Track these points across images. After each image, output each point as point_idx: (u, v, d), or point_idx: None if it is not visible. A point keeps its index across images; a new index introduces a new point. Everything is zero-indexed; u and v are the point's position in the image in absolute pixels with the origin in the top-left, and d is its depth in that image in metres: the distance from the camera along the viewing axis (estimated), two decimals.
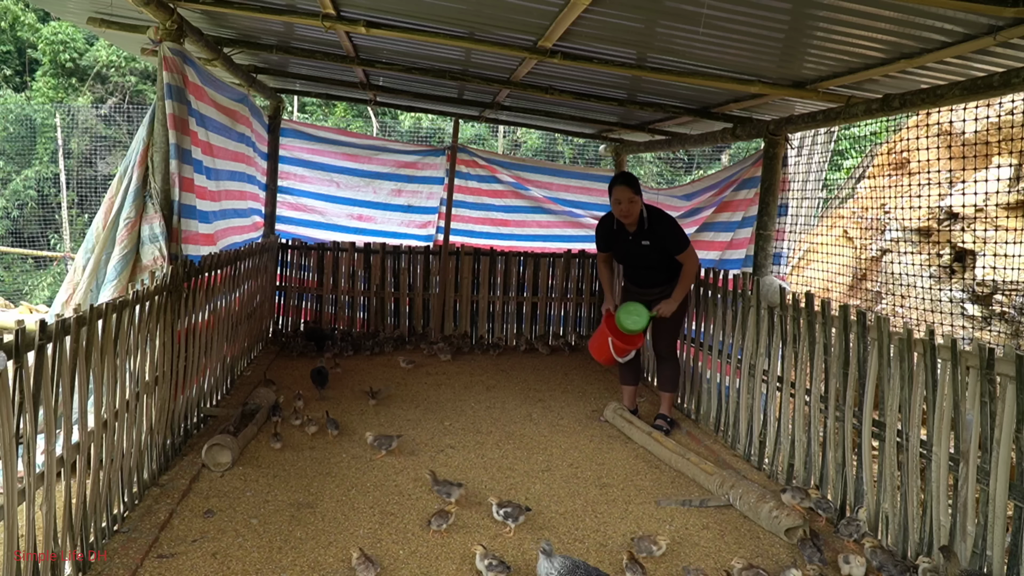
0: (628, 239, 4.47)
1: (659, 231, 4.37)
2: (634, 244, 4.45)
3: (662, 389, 4.71)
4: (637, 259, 4.49)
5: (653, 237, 4.38)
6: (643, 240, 4.40)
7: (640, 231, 4.40)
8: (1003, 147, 5.44)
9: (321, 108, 16.77)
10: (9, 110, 14.25)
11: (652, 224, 4.37)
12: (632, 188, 4.29)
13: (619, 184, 4.33)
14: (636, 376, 4.79)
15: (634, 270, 4.61)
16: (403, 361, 5.83)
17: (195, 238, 3.87)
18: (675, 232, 4.38)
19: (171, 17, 3.49)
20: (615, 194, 4.32)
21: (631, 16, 3.13)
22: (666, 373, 4.68)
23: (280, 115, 6.42)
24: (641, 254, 4.44)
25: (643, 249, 4.41)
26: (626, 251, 4.52)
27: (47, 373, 2.24)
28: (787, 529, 3.17)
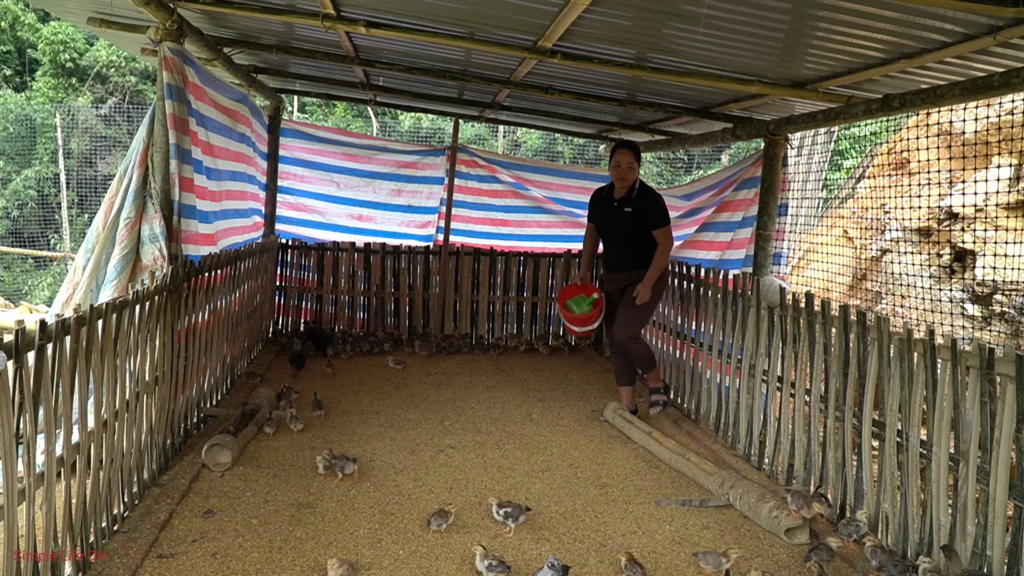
0: (613, 205, 4.58)
1: (644, 203, 4.47)
2: (616, 211, 4.55)
3: (644, 370, 4.81)
4: (614, 226, 4.59)
5: (636, 206, 4.48)
6: (626, 207, 4.50)
7: (626, 199, 4.52)
8: (1003, 147, 5.44)
9: (321, 108, 16.77)
10: (9, 110, 14.25)
11: (640, 195, 4.50)
12: (634, 154, 4.47)
13: (622, 148, 4.49)
14: (631, 376, 4.83)
15: (610, 239, 4.70)
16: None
17: (195, 238, 3.87)
18: (659, 208, 4.48)
19: (171, 17, 3.49)
20: (616, 157, 4.47)
21: (631, 16, 3.13)
22: (638, 357, 4.72)
23: (280, 115, 6.42)
24: (620, 220, 4.54)
25: (623, 216, 4.51)
26: (607, 217, 4.61)
27: (47, 373, 2.24)
28: (787, 529, 3.17)
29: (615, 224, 4.58)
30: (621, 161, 4.46)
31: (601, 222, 4.69)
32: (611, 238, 4.70)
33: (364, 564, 2.77)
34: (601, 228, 4.73)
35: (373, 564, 2.78)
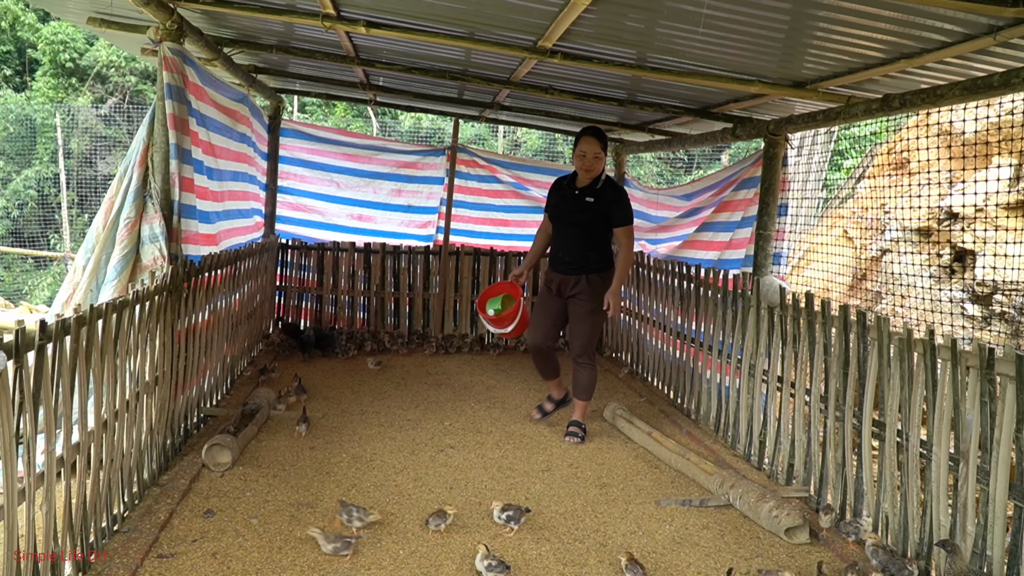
0: (574, 193, 4.18)
1: (608, 195, 4.11)
2: (577, 200, 4.15)
3: (576, 395, 4.40)
4: (572, 217, 4.17)
5: (600, 197, 4.11)
6: (588, 196, 4.12)
7: (589, 189, 4.14)
8: (1003, 147, 5.44)
9: (321, 108, 16.77)
10: (9, 110, 14.25)
11: (605, 187, 4.14)
12: (600, 143, 4.07)
13: (587, 135, 4.07)
14: (556, 367, 4.54)
15: (564, 232, 4.25)
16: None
17: (195, 238, 3.87)
18: (626, 204, 4.16)
19: (171, 17, 3.49)
20: (581, 145, 4.07)
21: (631, 16, 3.13)
22: (581, 381, 4.35)
23: (280, 115, 6.43)
24: (580, 211, 4.14)
25: (584, 206, 4.13)
26: (564, 207, 4.21)
27: (47, 373, 2.24)
28: (787, 529, 3.17)
29: (573, 215, 4.16)
30: (587, 150, 4.05)
31: (557, 212, 4.24)
32: (566, 231, 4.23)
33: (364, 564, 2.78)
34: (557, 219, 4.27)
35: (373, 564, 2.78)
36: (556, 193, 4.29)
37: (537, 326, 4.41)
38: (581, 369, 4.34)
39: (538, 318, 4.42)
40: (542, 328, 4.39)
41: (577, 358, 4.32)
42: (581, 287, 4.22)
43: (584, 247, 4.17)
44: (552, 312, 4.36)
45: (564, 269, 4.25)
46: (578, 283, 4.23)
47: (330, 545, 2.75)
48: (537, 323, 4.42)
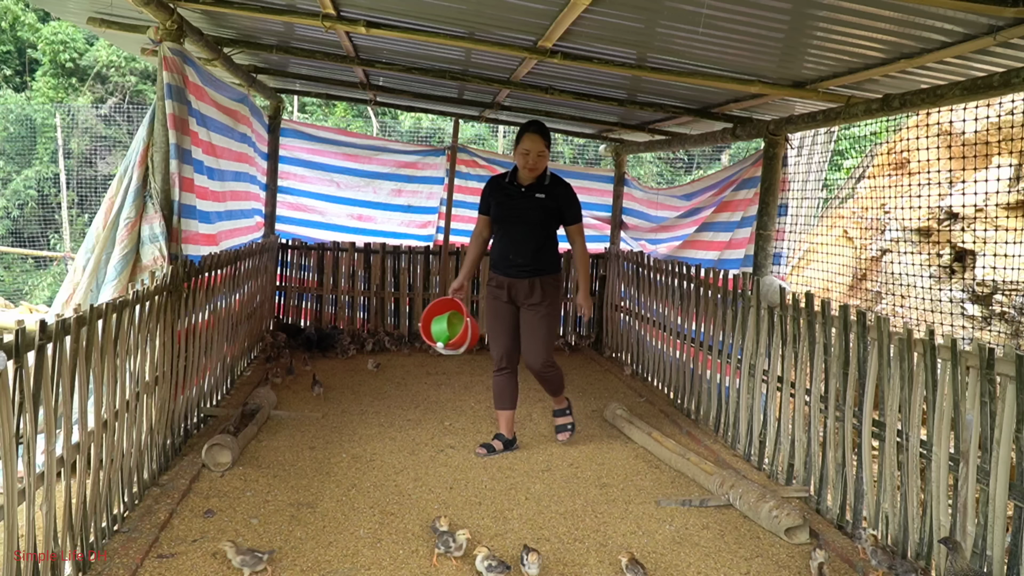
0: (520, 191, 3.86)
1: (559, 192, 3.87)
2: (525, 198, 3.85)
3: (552, 394, 4.24)
4: (521, 215, 3.86)
5: (551, 194, 3.85)
6: (537, 193, 3.84)
7: (537, 185, 3.86)
8: (1003, 147, 5.44)
9: (321, 108, 16.77)
10: (9, 110, 14.25)
11: (553, 184, 3.88)
12: (545, 140, 3.78)
13: (531, 132, 3.75)
14: (514, 398, 4.11)
15: (512, 232, 3.89)
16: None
17: (195, 238, 3.87)
18: (576, 201, 3.93)
19: (171, 17, 3.49)
20: (524, 142, 3.75)
21: (631, 16, 3.13)
22: (552, 385, 4.15)
23: (280, 115, 6.43)
24: (527, 208, 3.84)
25: (533, 203, 3.83)
26: (510, 205, 3.87)
27: (47, 373, 2.24)
28: (787, 529, 3.17)
29: (524, 213, 3.84)
30: (530, 148, 3.74)
31: (502, 211, 3.88)
32: (516, 231, 3.88)
33: (364, 564, 2.78)
34: (501, 218, 3.90)
35: (373, 564, 2.78)
36: (498, 192, 3.93)
37: (500, 342, 4.01)
38: (548, 376, 4.06)
39: (499, 333, 4.01)
40: (505, 343, 4.01)
41: (541, 369, 3.99)
42: (535, 291, 3.90)
43: (536, 248, 3.88)
44: (510, 323, 4.00)
45: (516, 273, 3.89)
46: (533, 287, 3.90)
47: (239, 557, 2.58)
48: (500, 339, 4.01)
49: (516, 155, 3.82)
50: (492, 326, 4.04)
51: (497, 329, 4.02)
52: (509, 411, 4.09)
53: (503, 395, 4.08)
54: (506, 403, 4.08)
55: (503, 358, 4.03)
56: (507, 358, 4.03)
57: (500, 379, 4.07)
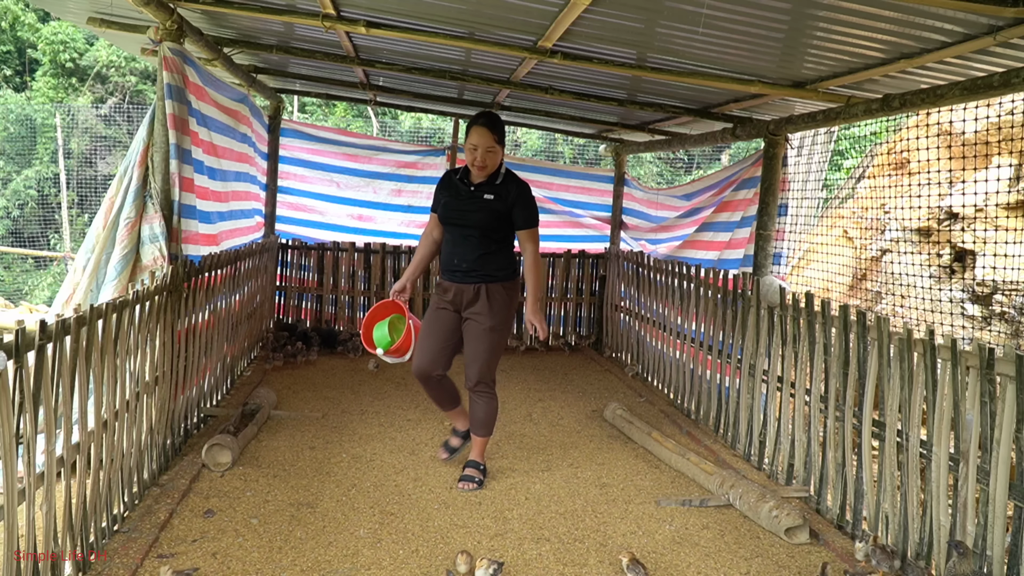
0: (469, 189, 3.46)
1: (512, 192, 3.45)
2: (473, 198, 3.44)
3: (473, 431, 3.66)
4: (469, 215, 3.44)
5: (501, 194, 3.43)
6: (487, 193, 3.43)
7: (487, 185, 3.45)
8: (1003, 147, 5.44)
9: (321, 108, 16.78)
10: (9, 110, 14.25)
11: (507, 182, 3.47)
12: (495, 134, 3.36)
13: (479, 124, 3.34)
14: (453, 397, 3.76)
15: (459, 234, 3.49)
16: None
17: (195, 238, 3.87)
18: (530, 203, 3.51)
19: (171, 17, 3.49)
20: (471, 137, 3.35)
21: (631, 16, 3.13)
22: (478, 414, 3.59)
23: (280, 115, 6.43)
24: (477, 209, 3.43)
25: (483, 204, 3.43)
26: (458, 205, 3.47)
27: (47, 373, 2.24)
28: (787, 529, 3.17)
29: (470, 215, 3.44)
30: (478, 143, 3.33)
31: (447, 211, 3.49)
32: (461, 232, 3.48)
33: (364, 564, 2.78)
34: (449, 219, 3.50)
35: (373, 564, 2.78)
36: (447, 189, 3.55)
37: (425, 348, 3.57)
38: (479, 399, 3.57)
39: (427, 338, 3.58)
40: (432, 350, 3.57)
41: (475, 387, 3.55)
42: (480, 300, 3.49)
43: (483, 252, 3.46)
44: (444, 330, 3.57)
45: (461, 278, 3.50)
46: (477, 295, 3.49)
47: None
48: (426, 344, 3.57)
49: (465, 150, 3.42)
50: (423, 333, 3.60)
51: (426, 336, 3.58)
52: (456, 407, 3.77)
53: (440, 397, 3.69)
54: (447, 403, 3.72)
55: (423, 368, 3.55)
56: (430, 365, 3.55)
57: (427, 387, 3.64)
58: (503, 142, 3.45)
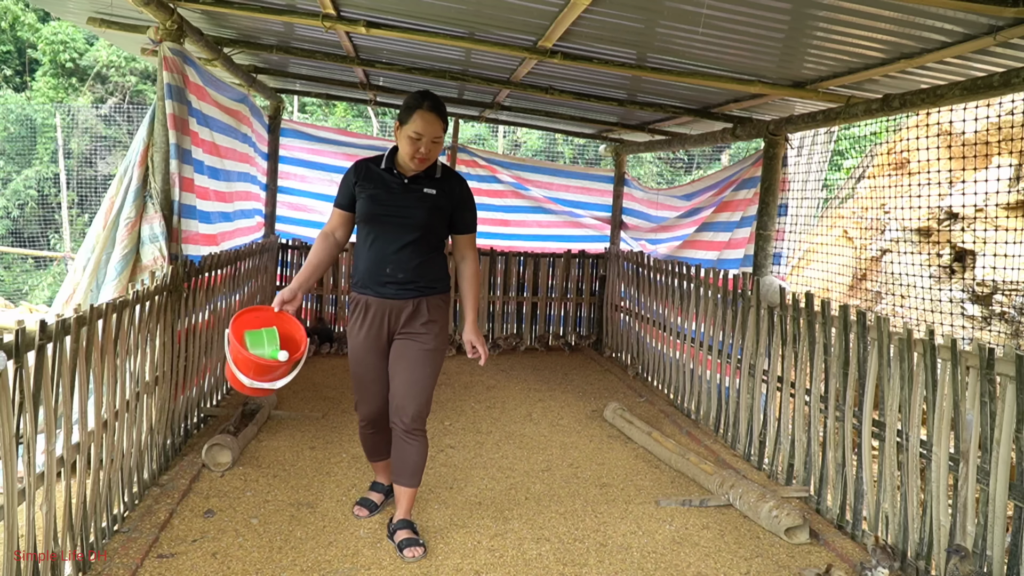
0: (403, 182, 2.81)
1: (456, 190, 2.87)
2: (410, 193, 2.79)
3: (404, 482, 2.93)
4: (402, 213, 2.79)
5: (444, 190, 2.84)
6: (428, 188, 2.81)
7: (426, 179, 2.82)
8: (1003, 147, 5.44)
9: (321, 108, 16.77)
10: (9, 110, 14.25)
11: (448, 178, 2.88)
12: (444, 122, 2.75)
13: (425, 109, 2.68)
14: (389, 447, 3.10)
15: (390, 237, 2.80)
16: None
17: (195, 238, 3.88)
18: (473, 203, 2.96)
19: (171, 17, 3.49)
20: (415, 122, 2.67)
21: (631, 16, 3.13)
22: (411, 459, 2.89)
23: (280, 115, 6.42)
24: (412, 206, 2.79)
25: (424, 199, 2.80)
26: (393, 201, 2.79)
27: (47, 373, 2.24)
28: (787, 529, 3.18)
29: (409, 210, 2.78)
30: (423, 132, 2.68)
31: (378, 207, 2.79)
32: (396, 234, 2.79)
33: (364, 564, 2.78)
34: (379, 216, 2.79)
35: (373, 564, 2.78)
36: (370, 181, 2.83)
37: (369, 387, 2.93)
38: (413, 441, 2.87)
39: (369, 379, 2.91)
40: (378, 387, 2.94)
41: (411, 426, 2.85)
42: (420, 316, 2.85)
43: (421, 258, 2.83)
44: (382, 363, 2.91)
45: (395, 292, 2.82)
46: (417, 310, 2.85)
47: None
48: (370, 387, 2.93)
49: (401, 138, 2.73)
50: (359, 372, 2.92)
51: (366, 376, 2.92)
52: (384, 461, 3.20)
53: (377, 448, 3.15)
54: (383, 450, 3.15)
55: (374, 412, 2.98)
56: (379, 417, 2.99)
57: (368, 434, 3.09)
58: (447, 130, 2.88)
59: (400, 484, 2.93)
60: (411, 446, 2.87)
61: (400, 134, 2.75)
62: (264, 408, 4.28)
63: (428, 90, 2.79)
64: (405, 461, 2.89)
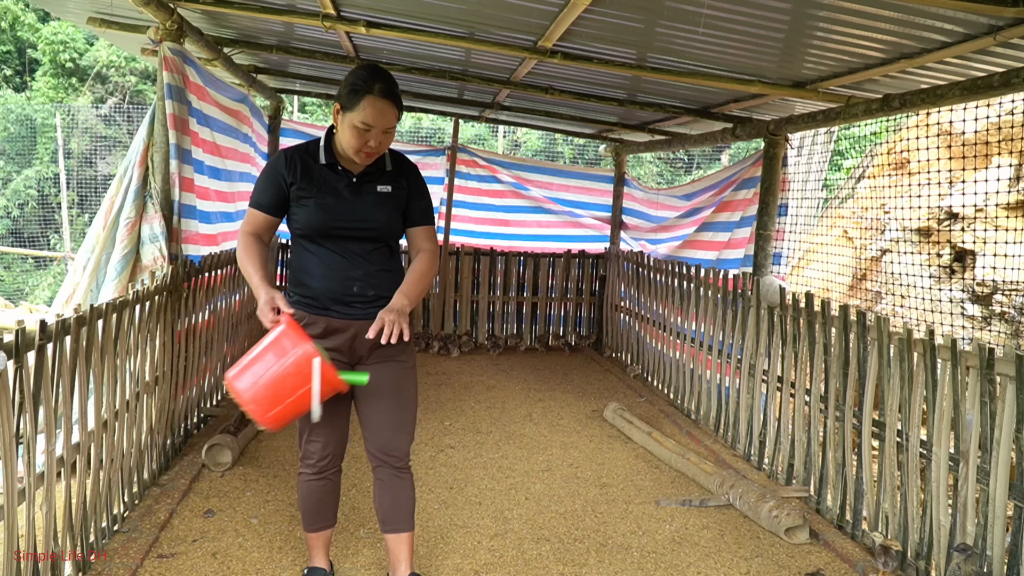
0: (351, 181, 2.30)
1: (408, 178, 2.41)
2: (361, 193, 2.31)
3: (400, 526, 2.50)
4: (365, 219, 2.30)
5: (401, 185, 2.38)
6: (381, 185, 2.34)
7: (377, 173, 2.34)
8: (1003, 147, 5.44)
9: (321, 108, 16.78)
10: (9, 110, 14.25)
11: (398, 167, 2.40)
12: (399, 110, 2.23)
13: (378, 95, 2.15)
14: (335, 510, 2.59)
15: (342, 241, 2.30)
16: None
17: (195, 238, 3.88)
18: (427, 191, 2.50)
19: (171, 17, 3.49)
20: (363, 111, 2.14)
21: (631, 16, 3.13)
22: (407, 498, 2.49)
23: (280, 115, 6.42)
24: (369, 207, 2.30)
25: (380, 200, 2.32)
26: (344, 207, 2.29)
27: (47, 373, 2.24)
28: (787, 529, 3.18)
29: (367, 215, 2.30)
30: (374, 122, 2.16)
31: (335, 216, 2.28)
32: (356, 245, 2.32)
33: (364, 564, 2.78)
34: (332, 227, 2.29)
35: (373, 564, 2.78)
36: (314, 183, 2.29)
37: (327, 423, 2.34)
38: (405, 476, 2.50)
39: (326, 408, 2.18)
40: (339, 420, 2.44)
41: (405, 459, 2.49)
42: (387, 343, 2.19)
43: (387, 268, 2.39)
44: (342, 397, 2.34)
45: (363, 310, 2.33)
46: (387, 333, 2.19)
47: None
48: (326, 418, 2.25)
49: (344, 127, 2.20)
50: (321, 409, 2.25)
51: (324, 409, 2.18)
52: (329, 530, 2.59)
53: (324, 507, 2.52)
54: (327, 518, 2.55)
55: (329, 455, 2.45)
56: (333, 457, 2.47)
57: (318, 485, 2.47)
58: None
59: (398, 531, 2.49)
60: (404, 482, 2.49)
61: (342, 121, 2.20)
62: None
63: (377, 66, 2.23)
64: (400, 503, 2.47)
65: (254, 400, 2.05)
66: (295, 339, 2.07)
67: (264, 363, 2.07)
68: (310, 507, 2.50)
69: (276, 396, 2.06)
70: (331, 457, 2.45)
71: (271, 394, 2.06)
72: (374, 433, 2.42)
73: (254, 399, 2.05)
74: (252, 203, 2.38)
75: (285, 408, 2.07)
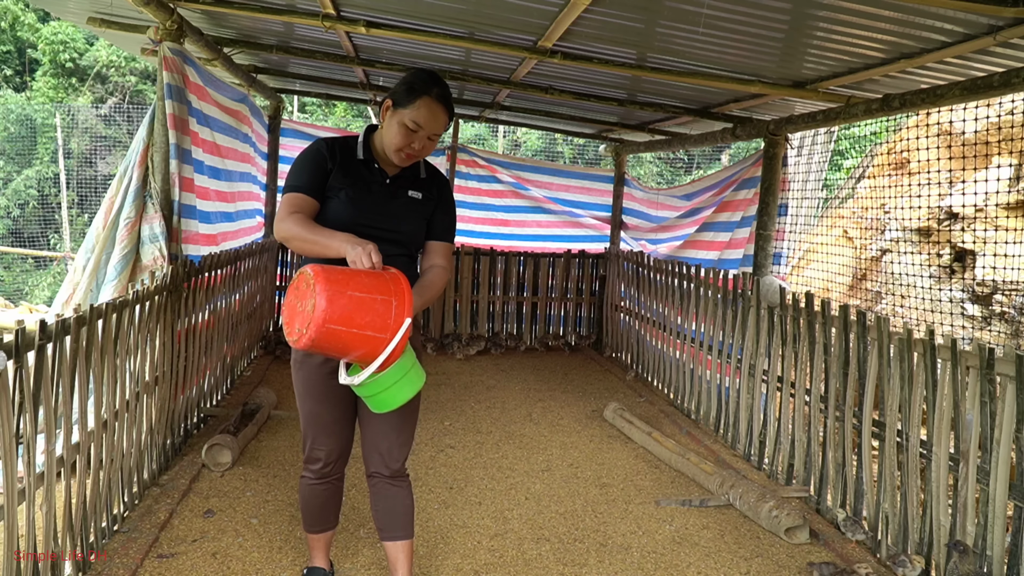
0: (384, 182, 2.27)
1: (440, 192, 2.38)
2: (394, 199, 2.27)
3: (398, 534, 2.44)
4: (391, 222, 2.25)
5: (431, 195, 2.34)
6: (412, 191, 2.31)
7: (410, 179, 2.32)
8: (1003, 147, 5.44)
9: (321, 108, 16.77)
10: (9, 110, 14.25)
11: (431, 177, 2.38)
12: (450, 118, 2.23)
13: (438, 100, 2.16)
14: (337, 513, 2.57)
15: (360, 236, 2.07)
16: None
17: (195, 238, 3.88)
18: (454, 208, 2.44)
19: (171, 17, 3.49)
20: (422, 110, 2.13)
21: (631, 16, 3.13)
22: (406, 502, 2.44)
23: (280, 115, 6.43)
24: (396, 212, 2.27)
25: (409, 207, 2.29)
26: (375, 205, 2.24)
27: (47, 373, 2.24)
28: (787, 529, 3.17)
29: (394, 219, 2.27)
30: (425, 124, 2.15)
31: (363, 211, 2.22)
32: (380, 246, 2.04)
33: (364, 564, 2.78)
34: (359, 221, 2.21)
35: (373, 564, 2.78)
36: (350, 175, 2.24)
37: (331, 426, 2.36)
38: (401, 488, 2.44)
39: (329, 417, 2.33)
40: (343, 424, 2.39)
41: (399, 470, 2.42)
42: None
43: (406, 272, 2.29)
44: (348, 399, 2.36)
45: None
46: None
47: None
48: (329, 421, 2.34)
49: (391, 123, 2.18)
50: (317, 409, 2.33)
51: (329, 413, 2.33)
52: (330, 532, 2.59)
53: (326, 510, 2.52)
54: (329, 520, 2.55)
55: (334, 461, 2.42)
56: (339, 461, 2.44)
57: (321, 489, 2.45)
58: None
59: (397, 539, 2.43)
60: (400, 491, 2.43)
61: (391, 119, 2.18)
62: (264, 408, 4.28)
63: (437, 73, 2.25)
64: (397, 511, 2.42)
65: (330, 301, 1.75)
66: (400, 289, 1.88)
67: (359, 281, 1.82)
68: (313, 510, 2.50)
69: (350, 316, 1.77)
70: (336, 463, 2.43)
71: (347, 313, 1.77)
72: (372, 442, 2.39)
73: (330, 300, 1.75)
74: (290, 188, 2.22)
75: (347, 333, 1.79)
